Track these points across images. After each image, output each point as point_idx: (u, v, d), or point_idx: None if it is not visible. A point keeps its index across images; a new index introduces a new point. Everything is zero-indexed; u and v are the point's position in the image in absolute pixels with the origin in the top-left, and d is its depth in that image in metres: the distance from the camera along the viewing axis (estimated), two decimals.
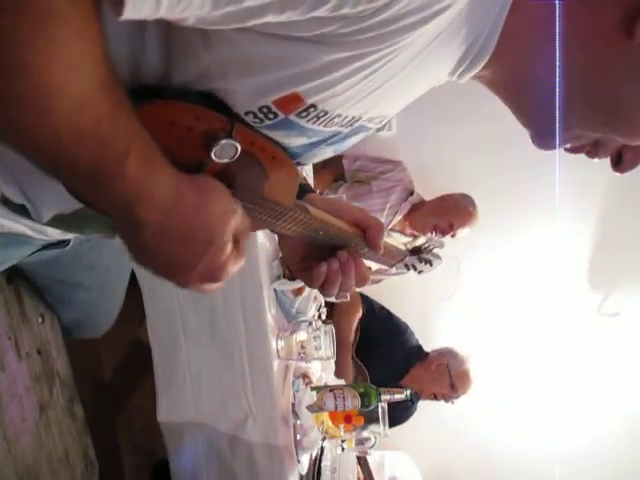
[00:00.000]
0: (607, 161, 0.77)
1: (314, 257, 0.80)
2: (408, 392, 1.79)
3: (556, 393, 3.48)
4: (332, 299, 2.07)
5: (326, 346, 1.48)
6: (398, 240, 3.04)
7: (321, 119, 0.59)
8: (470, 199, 2.98)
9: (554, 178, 1.34)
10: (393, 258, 1.00)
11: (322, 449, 1.71)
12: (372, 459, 3.01)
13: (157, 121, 0.51)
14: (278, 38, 0.49)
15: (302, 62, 0.51)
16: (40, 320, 1.13)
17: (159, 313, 1.44)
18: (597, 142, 0.70)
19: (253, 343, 1.39)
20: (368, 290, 3.16)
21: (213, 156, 0.54)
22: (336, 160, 3.05)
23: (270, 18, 0.45)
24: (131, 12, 0.39)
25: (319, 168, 2.97)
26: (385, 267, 3.07)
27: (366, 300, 2.97)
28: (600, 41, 0.61)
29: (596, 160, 0.75)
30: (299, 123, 0.58)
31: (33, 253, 0.82)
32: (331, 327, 1.52)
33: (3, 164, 0.61)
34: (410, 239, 3.08)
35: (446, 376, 2.89)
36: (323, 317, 1.99)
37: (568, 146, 0.72)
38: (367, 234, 0.80)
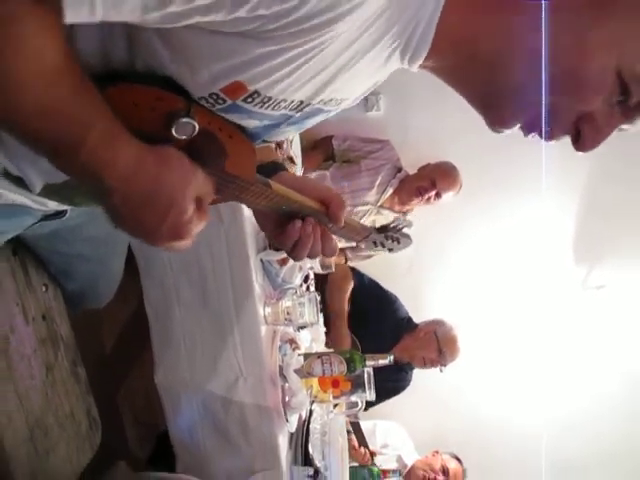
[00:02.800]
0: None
1: (286, 224, 0.86)
2: (391, 357, 1.89)
3: (543, 363, 3.58)
4: (321, 271, 2.17)
5: (310, 312, 1.58)
6: (388, 217, 3.12)
7: (266, 104, 0.66)
8: (451, 164, 3.06)
9: (540, 155, 1.41)
10: (358, 234, 1.05)
11: (311, 412, 1.82)
12: (364, 427, 3.12)
13: (123, 102, 0.59)
14: (215, 33, 0.56)
15: (239, 54, 0.58)
16: (44, 289, 1.22)
17: (154, 285, 1.53)
18: (552, 116, 0.70)
19: (242, 310, 1.48)
20: (360, 264, 3.26)
21: (174, 132, 0.61)
22: (326, 141, 3.13)
23: (198, 19, 0.53)
24: (71, 18, 0.49)
25: (310, 149, 3.06)
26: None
27: (357, 273, 3.06)
28: (529, 7, 0.65)
29: (553, 142, 0.74)
30: (247, 107, 0.66)
31: (34, 224, 0.91)
32: (315, 295, 1.62)
33: (2, 140, 0.69)
34: (400, 215, 3.17)
35: (434, 342, 3.00)
36: (312, 288, 2.10)
37: (522, 126, 0.73)
38: (329, 209, 0.85)
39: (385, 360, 1.89)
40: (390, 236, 1.14)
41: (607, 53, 0.65)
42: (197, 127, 0.62)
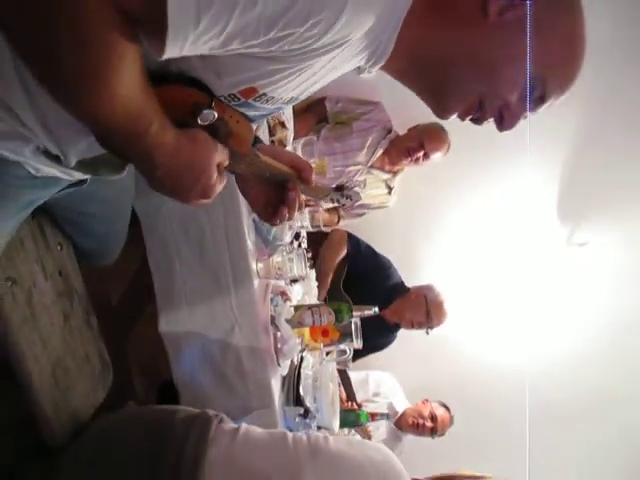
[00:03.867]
0: (578, 100, 0.96)
1: (274, 199, 1.05)
2: (376, 308, 2.05)
3: (529, 314, 3.73)
4: (311, 229, 2.31)
5: (298, 267, 1.73)
6: (378, 177, 3.24)
7: (269, 101, 0.86)
8: (439, 125, 3.11)
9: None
10: (322, 193, 1.27)
11: (302, 358, 1.98)
12: (357, 376, 3.30)
13: (165, 98, 0.76)
14: (242, 55, 0.73)
15: (256, 70, 0.78)
16: (59, 248, 1.37)
17: (157, 243, 1.66)
18: (482, 105, 0.92)
19: (236, 265, 1.62)
20: (355, 226, 3.39)
21: (199, 120, 0.80)
22: (319, 103, 3.21)
23: (235, 46, 0.70)
24: (167, 55, 0.66)
25: (303, 111, 3.15)
26: (366, 203, 3.30)
27: (353, 239, 3.19)
28: (468, 24, 0.86)
29: (481, 124, 0.97)
30: (254, 104, 0.86)
31: (60, 191, 1.06)
32: (303, 251, 1.77)
33: (47, 127, 0.83)
34: (390, 175, 3.28)
35: (423, 305, 3.13)
36: (303, 245, 2.24)
37: (459, 114, 0.95)
38: (302, 173, 1.03)
39: (370, 311, 2.05)
40: (344, 194, 1.33)
41: (520, 59, 0.85)
42: (216, 116, 0.81)
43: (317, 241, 2.96)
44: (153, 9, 0.61)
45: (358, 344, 2.08)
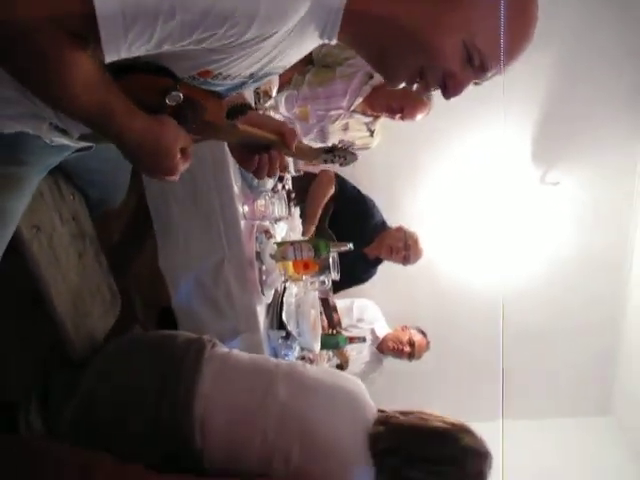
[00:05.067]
0: (557, 44, 0.98)
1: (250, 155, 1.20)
2: (351, 245, 2.29)
3: (504, 245, 4.02)
4: (294, 173, 2.52)
5: (279, 209, 1.97)
6: (360, 120, 3.37)
7: (227, 79, 1.01)
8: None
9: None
10: (309, 156, 1.41)
11: (285, 288, 2.22)
12: (343, 304, 3.55)
13: (133, 86, 0.93)
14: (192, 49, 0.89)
15: (206, 57, 0.92)
16: (72, 197, 1.59)
17: (155, 188, 1.86)
18: (423, 75, 1.00)
19: (225, 207, 1.83)
20: (343, 172, 3.55)
21: (167, 101, 0.95)
22: None
23: (168, 47, 0.85)
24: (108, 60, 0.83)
25: None
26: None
27: (340, 180, 3.38)
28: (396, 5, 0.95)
29: (428, 92, 1.09)
30: (214, 82, 1.01)
31: (72, 154, 1.27)
32: (284, 194, 2.00)
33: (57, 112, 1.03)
34: (371, 119, 3.40)
35: (402, 234, 3.40)
36: (287, 187, 2.45)
37: (406, 82, 1.03)
38: (284, 138, 1.16)
39: (346, 247, 2.29)
40: (337, 154, 1.41)
41: (456, 32, 0.95)
42: (182, 96, 0.97)
43: (307, 180, 3.14)
44: (91, 30, 0.77)
45: (335, 276, 2.33)
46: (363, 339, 2.90)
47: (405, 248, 3.39)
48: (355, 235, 3.19)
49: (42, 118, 1.05)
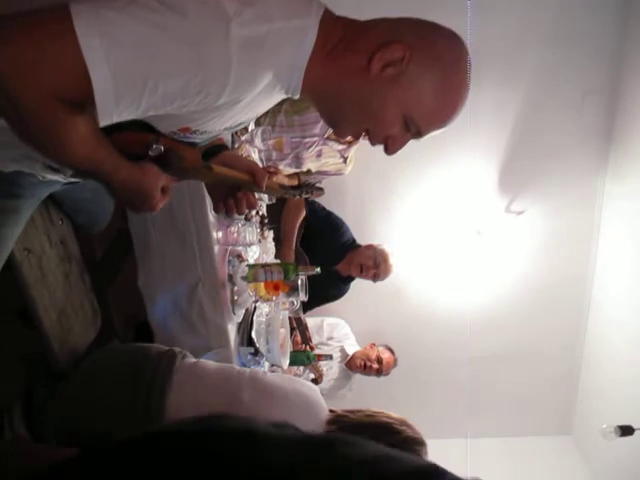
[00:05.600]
0: (524, 82, 1.16)
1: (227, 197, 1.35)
2: (318, 269, 2.44)
3: (468, 270, 4.15)
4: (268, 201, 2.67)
5: (251, 235, 2.13)
6: (333, 147, 3.51)
7: (204, 134, 1.17)
8: None
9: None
10: (277, 192, 1.56)
11: (255, 308, 2.37)
12: (314, 322, 3.68)
13: (126, 141, 1.08)
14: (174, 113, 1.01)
15: (182, 118, 1.06)
16: (60, 222, 1.73)
17: (136, 215, 1.98)
18: (368, 135, 1.15)
19: (200, 233, 1.97)
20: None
21: (150, 153, 1.09)
22: None
23: (153, 113, 0.97)
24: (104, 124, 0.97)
25: None
26: (323, 170, 3.58)
27: (310, 202, 3.47)
28: (356, 75, 1.07)
29: (373, 146, 1.19)
30: (192, 137, 1.17)
31: (62, 186, 1.41)
32: (257, 219, 2.15)
33: None
34: (345, 146, 3.55)
35: (372, 251, 3.51)
36: (262, 212, 2.60)
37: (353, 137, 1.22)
38: (255, 178, 1.30)
39: (313, 271, 2.44)
40: (304, 190, 1.59)
41: (395, 107, 1.10)
42: (163, 148, 1.12)
43: (280, 204, 3.28)
44: (88, 99, 0.88)
45: (304, 297, 2.46)
46: (330, 357, 3.04)
47: (375, 266, 3.49)
48: (326, 254, 3.45)
49: (35, 159, 1.20)
